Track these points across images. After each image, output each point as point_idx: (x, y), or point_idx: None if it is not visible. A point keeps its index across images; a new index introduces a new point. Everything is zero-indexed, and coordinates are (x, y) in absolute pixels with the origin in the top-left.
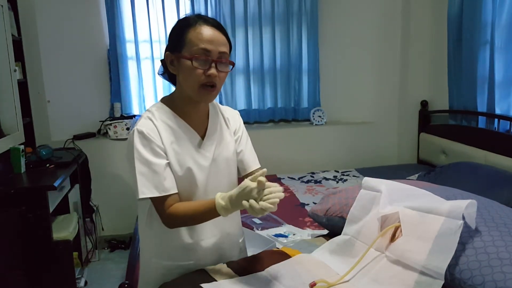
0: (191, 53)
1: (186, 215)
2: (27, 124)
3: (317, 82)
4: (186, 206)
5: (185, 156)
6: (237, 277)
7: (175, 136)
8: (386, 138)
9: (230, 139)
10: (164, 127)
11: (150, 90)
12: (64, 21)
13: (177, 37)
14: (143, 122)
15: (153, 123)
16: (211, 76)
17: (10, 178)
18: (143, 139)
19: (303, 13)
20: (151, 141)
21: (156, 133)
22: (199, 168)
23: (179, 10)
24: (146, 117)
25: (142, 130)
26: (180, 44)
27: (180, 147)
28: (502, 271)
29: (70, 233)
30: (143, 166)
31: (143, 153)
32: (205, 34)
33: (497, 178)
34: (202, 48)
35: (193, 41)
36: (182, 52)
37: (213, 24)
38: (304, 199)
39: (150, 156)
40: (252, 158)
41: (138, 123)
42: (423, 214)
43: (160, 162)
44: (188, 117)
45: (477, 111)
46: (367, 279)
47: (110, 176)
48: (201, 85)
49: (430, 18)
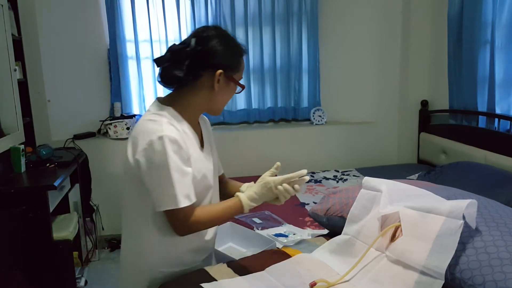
0: (240, 80)
1: (210, 219)
2: (27, 124)
3: (317, 82)
4: (208, 211)
5: (199, 161)
6: (237, 276)
7: (189, 142)
8: (386, 138)
9: (212, 141)
10: (183, 134)
11: (150, 90)
12: (64, 20)
13: (235, 61)
14: (169, 128)
15: (177, 129)
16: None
17: (10, 178)
18: (175, 146)
19: (303, 13)
20: (182, 149)
21: (183, 140)
22: (209, 172)
23: (179, 10)
24: (167, 123)
25: (175, 138)
26: (236, 69)
27: (195, 152)
28: (502, 271)
29: (70, 233)
30: (178, 174)
31: (176, 161)
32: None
33: (497, 178)
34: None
35: (242, 70)
36: (235, 76)
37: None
38: (304, 198)
39: (181, 165)
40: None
41: (163, 129)
42: (423, 214)
43: (189, 170)
44: (192, 123)
45: (477, 110)
46: (367, 279)
47: (110, 175)
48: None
49: (430, 18)
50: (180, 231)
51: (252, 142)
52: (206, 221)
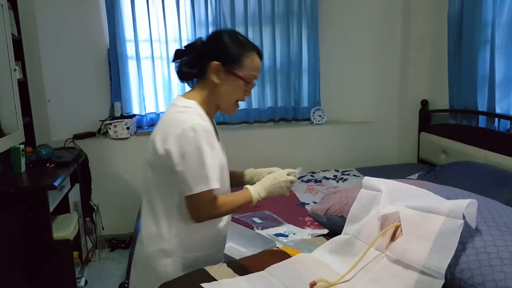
0: (245, 76)
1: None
2: (27, 124)
3: (317, 82)
4: (227, 199)
5: (219, 152)
6: (237, 276)
7: (214, 134)
8: (386, 137)
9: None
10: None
11: (150, 90)
12: (64, 20)
13: (234, 54)
14: (198, 120)
15: (205, 120)
16: (246, 96)
17: (10, 178)
18: (206, 134)
19: (303, 13)
20: (211, 137)
21: (212, 130)
22: (225, 163)
23: (179, 10)
24: (196, 114)
25: (205, 127)
26: (236, 62)
27: (216, 143)
28: (502, 270)
29: (70, 233)
30: (211, 159)
31: (208, 148)
32: (257, 65)
33: (497, 177)
34: (254, 76)
35: (249, 67)
36: (236, 71)
37: (260, 55)
38: (304, 198)
39: (210, 152)
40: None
41: (193, 120)
42: (423, 214)
43: (217, 159)
44: (210, 117)
45: (478, 110)
46: (367, 278)
47: (110, 175)
48: (235, 101)
49: (430, 18)
50: (202, 215)
51: (252, 142)
52: (227, 209)
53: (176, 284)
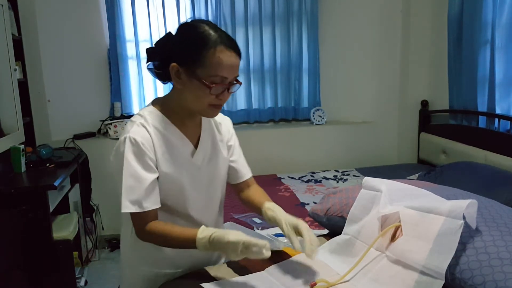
0: (209, 78)
1: (163, 237)
2: (27, 124)
3: (317, 82)
4: (164, 229)
5: (177, 165)
6: (237, 276)
7: (167, 145)
8: (386, 138)
9: (221, 146)
10: (157, 135)
11: (150, 90)
12: (64, 20)
13: (192, 53)
14: (136, 130)
15: (147, 131)
16: (223, 99)
17: (10, 178)
18: (136, 149)
19: (303, 13)
20: (144, 153)
21: (150, 143)
22: (190, 178)
23: (179, 10)
24: (139, 124)
25: (136, 140)
26: (195, 62)
27: (172, 156)
28: (502, 271)
29: (70, 233)
30: (131, 179)
31: (133, 165)
32: (226, 61)
33: (497, 178)
34: (222, 76)
35: (213, 67)
36: (197, 72)
37: (233, 48)
38: (304, 198)
39: (140, 170)
40: (246, 168)
41: (130, 130)
42: (423, 214)
43: (149, 177)
44: (182, 125)
45: (477, 110)
46: (367, 279)
47: (110, 175)
48: (210, 105)
49: (430, 18)
50: (137, 233)
51: (252, 142)
52: (158, 237)
53: (176, 284)
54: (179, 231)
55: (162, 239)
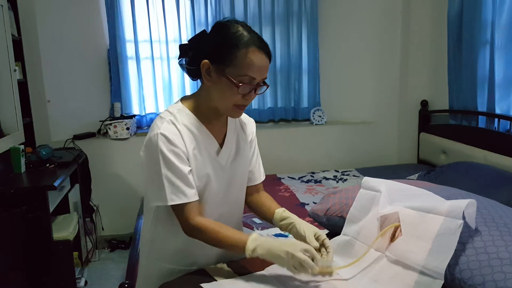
0: (238, 77)
1: (213, 235)
2: (27, 124)
3: (317, 82)
4: (215, 228)
5: (204, 163)
6: (237, 276)
7: (196, 142)
8: (386, 138)
9: (245, 147)
10: (186, 132)
11: (150, 90)
12: (64, 21)
13: (224, 51)
14: (166, 126)
15: (176, 127)
16: (249, 99)
17: (10, 178)
18: (169, 143)
19: (303, 13)
20: (177, 146)
21: (180, 138)
22: (216, 177)
23: (179, 10)
24: (169, 121)
25: (167, 135)
26: (227, 60)
27: (200, 153)
28: (502, 271)
29: (70, 233)
30: (170, 172)
31: (170, 158)
32: (256, 63)
33: (497, 178)
34: (251, 76)
35: (243, 66)
36: (227, 70)
37: (264, 50)
38: (304, 199)
39: (176, 162)
40: (260, 171)
41: (161, 127)
42: (422, 214)
43: (186, 168)
44: (209, 123)
45: (477, 111)
46: (367, 279)
47: (110, 176)
48: (235, 105)
49: (430, 18)
50: (185, 227)
51: None
52: (207, 234)
53: (176, 284)
54: (231, 233)
55: (210, 236)
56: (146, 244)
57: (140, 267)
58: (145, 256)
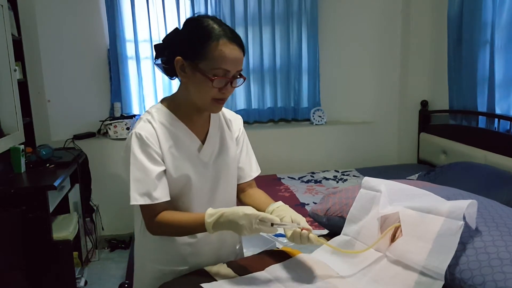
0: (211, 71)
1: (172, 225)
2: (27, 124)
3: (317, 82)
4: (173, 217)
5: (184, 161)
6: (237, 277)
7: (174, 140)
8: (386, 138)
9: (231, 144)
10: (163, 131)
11: (150, 90)
12: (64, 20)
13: (196, 46)
14: (142, 125)
15: (152, 126)
16: (226, 93)
17: (10, 178)
18: (142, 143)
19: (303, 13)
20: (149, 146)
21: (154, 138)
22: (197, 174)
23: (179, 10)
24: (145, 120)
25: (141, 134)
26: (199, 55)
27: (179, 151)
28: (502, 271)
29: (70, 233)
30: (138, 172)
31: (140, 158)
32: (228, 55)
33: (497, 178)
34: (224, 69)
35: (215, 60)
36: (200, 65)
37: (237, 42)
38: (304, 199)
39: (146, 162)
40: (251, 168)
41: (137, 126)
42: (423, 214)
43: (156, 169)
44: (189, 121)
45: (477, 111)
46: (367, 279)
47: (110, 176)
48: (214, 99)
49: (430, 18)
50: (148, 227)
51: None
52: (167, 227)
53: (176, 284)
54: (187, 217)
55: (171, 228)
56: (138, 246)
57: (135, 271)
58: (138, 258)
